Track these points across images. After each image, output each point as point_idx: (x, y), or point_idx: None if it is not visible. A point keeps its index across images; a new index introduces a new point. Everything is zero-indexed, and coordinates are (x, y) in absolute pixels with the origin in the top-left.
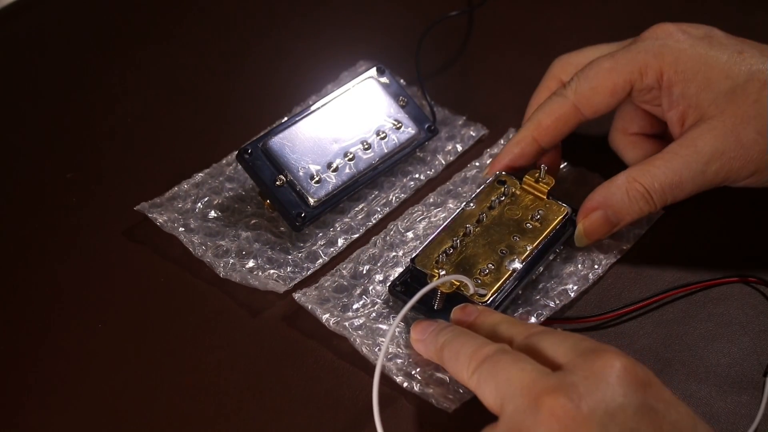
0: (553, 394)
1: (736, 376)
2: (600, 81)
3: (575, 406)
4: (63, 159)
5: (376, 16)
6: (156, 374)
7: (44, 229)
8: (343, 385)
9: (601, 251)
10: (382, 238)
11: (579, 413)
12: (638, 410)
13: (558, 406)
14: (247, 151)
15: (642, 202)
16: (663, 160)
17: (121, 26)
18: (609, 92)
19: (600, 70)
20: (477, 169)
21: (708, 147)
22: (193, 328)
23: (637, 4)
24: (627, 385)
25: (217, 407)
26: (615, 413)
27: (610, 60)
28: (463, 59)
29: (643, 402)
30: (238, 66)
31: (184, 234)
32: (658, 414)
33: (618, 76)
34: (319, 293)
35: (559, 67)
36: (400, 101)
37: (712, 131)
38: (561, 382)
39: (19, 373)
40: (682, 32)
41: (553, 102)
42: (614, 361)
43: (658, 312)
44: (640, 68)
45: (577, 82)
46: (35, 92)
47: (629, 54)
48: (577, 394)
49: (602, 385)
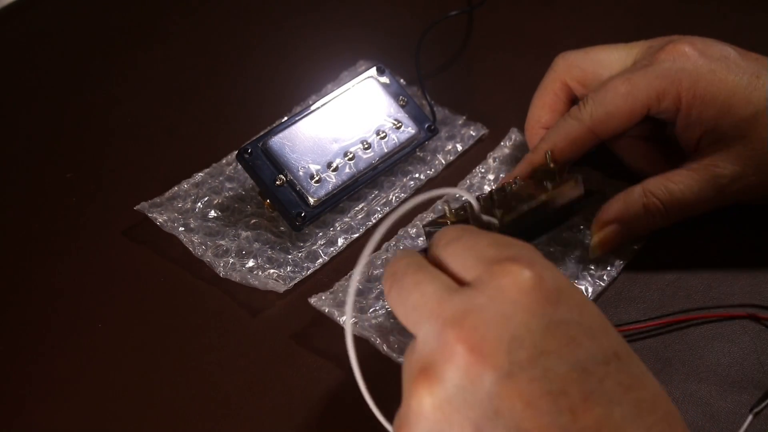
0: (457, 324)
1: (736, 376)
2: (617, 106)
3: (480, 335)
4: (63, 159)
5: (376, 16)
6: (156, 374)
7: (44, 229)
8: (343, 384)
9: (613, 252)
10: (393, 244)
11: (485, 343)
12: (547, 328)
13: (457, 344)
14: (247, 151)
15: (658, 218)
16: (681, 177)
17: (122, 26)
18: (626, 117)
19: (616, 95)
20: (481, 175)
21: (728, 171)
22: (192, 327)
23: (637, 3)
24: (535, 302)
25: (217, 407)
26: (522, 337)
27: (626, 84)
28: (463, 59)
29: (552, 318)
30: (238, 66)
31: (184, 234)
32: (569, 326)
33: (635, 101)
34: (335, 296)
35: (564, 68)
36: (400, 101)
37: (733, 155)
38: (465, 308)
39: (19, 372)
40: (699, 54)
41: (569, 125)
42: (519, 276)
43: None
44: (657, 94)
45: (593, 107)
46: (35, 92)
47: (646, 78)
48: (481, 320)
49: (508, 307)
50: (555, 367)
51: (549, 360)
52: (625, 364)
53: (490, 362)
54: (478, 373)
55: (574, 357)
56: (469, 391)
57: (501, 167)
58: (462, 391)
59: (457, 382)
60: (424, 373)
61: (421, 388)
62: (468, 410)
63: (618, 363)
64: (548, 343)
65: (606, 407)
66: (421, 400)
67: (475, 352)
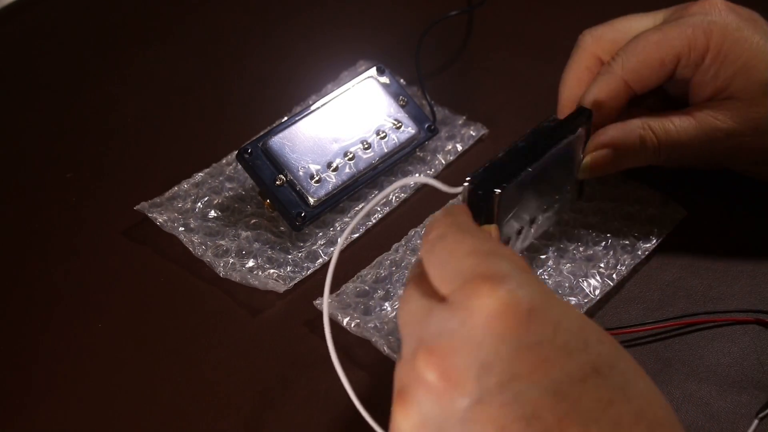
0: (427, 350)
1: (737, 376)
2: (649, 54)
3: (450, 363)
4: (63, 159)
5: (376, 16)
6: (156, 374)
7: (44, 229)
8: (343, 384)
9: (624, 251)
10: (403, 245)
11: (454, 370)
12: (517, 353)
13: (427, 372)
14: (247, 151)
15: (650, 152)
16: (680, 119)
17: (121, 26)
18: (658, 65)
19: (648, 44)
20: None
21: (727, 125)
22: (192, 327)
23: (637, 3)
24: (504, 327)
25: (217, 407)
26: (492, 363)
27: (658, 33)
28: (463, 59)
29: (522, 340)
30: (238, 66)
31: (184, 234)
32: (542, 346)
33: (667, 50)
34: (341, 299)
35: (593, 42)
36: (400, 101)
37: (735, 111)
38: (437, 332)
39: (18, 372)
40: (729, 9)
41: (602, 80)
42: (489, 299)
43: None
44: (689, 42)
45: (625, 57)
46: (35, 92)
47: (678, 28)
48: (451, 347)
49: (477, 332)
50: (527, 391)
51: (520, 384)
52: (606, 377)
53: (460, 389)
54: (449, 400)
55: (547, 379)
56: (442, 416)
57: None
58: (436, 417)
59: (430, 407)
60: (401, 395)
61: (399, 410)
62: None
63: (597, 378)
64: (518, 367)
65: (582, 427)
66: (399, 423)
67: (445, 379)
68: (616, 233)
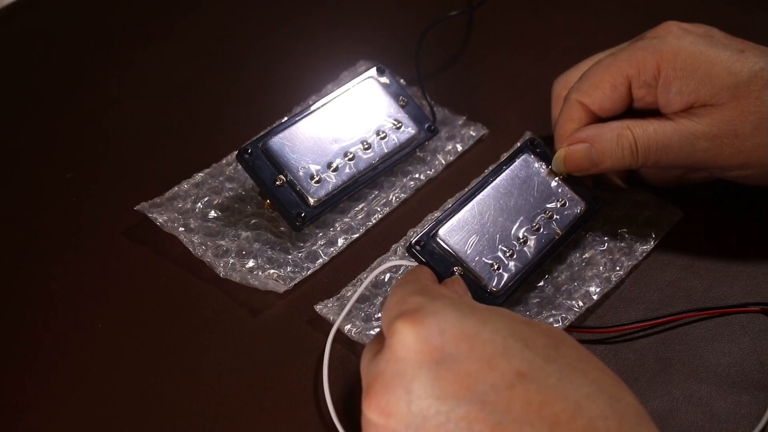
0: (368, 394)
1: (737, 376)
2: (600, 77)
3: (385, 400)
4: (63, 159)
5: (376, 16)
6: (155, 374)
7: (44, 229)
8: (343, 384)
9: (622, 253)
10: (402, 246)
11: (389, 405)
12: (436, 376)
13: (373, 406)
14: (247, 151)
15: (627, 152)
16: (658, 122)
17: (121, 26)
18: (609, 87)
19: (599, 68)
20: None
21: (702, 127)
22: (192, 327)
23: (637, 3)
24: (420, 355)
25: (217, 407)
26: (417, 390)
27: (609, 58)
28: (463, 59)
29: (439, 363)
30: (238, 66)
31: (184, 234)
32: (460, 363)
33: (616, 71)
34: (341, 304)
35: (561, 87)
36: (400, 101)
37: (710, 116)
38: (374, 375)
39: (18, 372)
40: (682, 30)
41: (564, 109)
42: (403, 334)
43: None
44: (638, 64)
45: (579, 83)
46: (35, 92)
47: (628, 51)
48: (383, 385)
49: (400, 366)
50: (456, 409)
51: (447, 404)
52: (534, 381)
53: (397, 422)
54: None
55: (471, 393)
56: None
57: None
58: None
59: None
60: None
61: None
62: None
63: (525, 383)
64: (442, 388)
65: (517, 431)
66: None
67: (384, 415)
68: (614, 236)
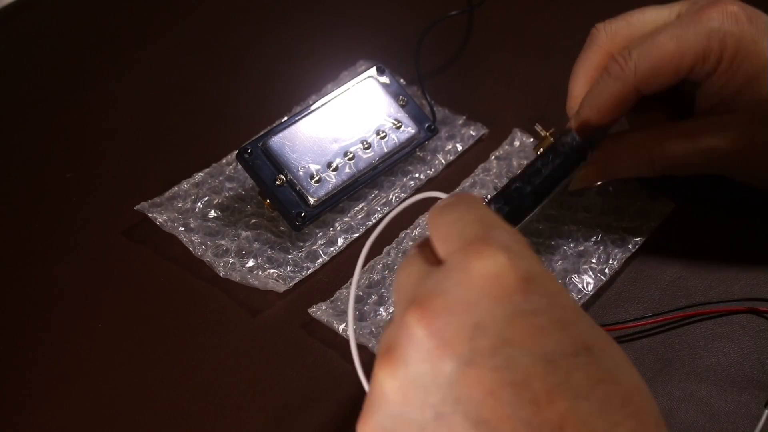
0: (420, 307)
1: (737, 376)
2: (663, 64)
3: (443, 321)
4: (63, 159)
5: (376, 16)
6: (155, 373)
7: (44, 229)
8: (343, 384)
9: (615, 246)
10: (395, 248)
11: (446, 329)
12: (512, 317)
13: (418, 328)
14: (247, 151)
15: (644, 168)
16: (677, 135)
17: (121, 26)
18: (672, 75)
19: (664, 53)
20: (484, 173)
21: (725, 145)
22: (192, 327)
23: (636, 3)
24: (501, 290)
25: (216, 407)
26: (486, 325)
27: (673, 41)
28: (463, 59)
29: (518, 306)
30: (237, 66)
31: (184, 233)
32: (537, 315)
33: (682, 59)
34: (335, 305)
35: (607, 40)
36: (400, 101)
37: (736, 130)
38: (432, 290)
39: (18, 372)
40: (747, 19)
41: (612, 86)
42: (489, 260)
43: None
44: (704, 52)
45: (638, 61)
46: (35, 92)
47: (695, 36)
48: (445, 305)
49: (474, 293)
50: (519, 357)
51: (513, 350)
52: (597, 357)
53: (451, 349)
54: (438, 359)
55: (540, 348)
56: (430, 376)
57: (503, 165)
58: (423, 376)
59: (418, 365)
60: (388, 353)
61: (384, 368)
62: (428, 395)
63: (589, 356)
64: (513, 332)
65: (571, 401)
66: (383, 382)
67: (436, 338)
68: (606, 228)
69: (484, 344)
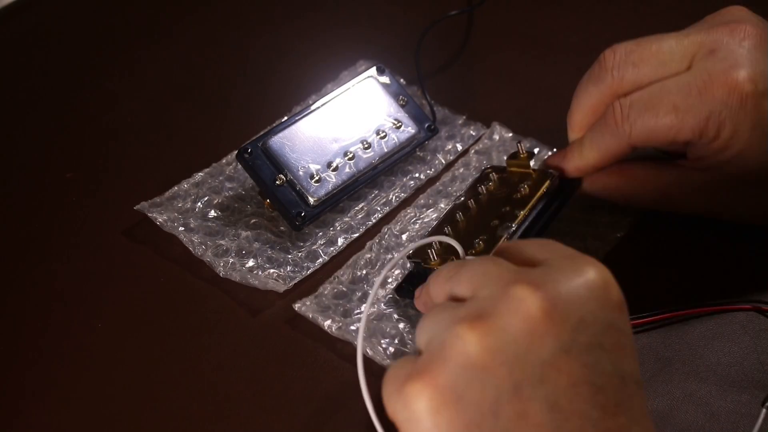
0: (530, 285)
1: (737, 375)
2: (660, 133)
3: (552, 304)
4: (63, 159)
5: (376, 16)
6: (155, 373)
7: (44, 229)
8: (343, 384)
9: (597, 239)
10: (377, 243)
11: (557, 311)
12: (609, 326)
13: (532, 299)
14: (247, 151)
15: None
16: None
17: (121, 26)
18: (667, 143)
19: (662, 125)
20: (464, 167)
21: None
22: (192, 327)
23: (636, 3)
24: (604, 299)
25: (216, 407)
26: (588, 323)
27: (671, 115)
28: (463, 59)
29: (614, 321)
30: (238, 66)
31: (184, 233)
32: (623, 335)
33: (678, 134)
34: (319, 301)
35: (613, 82)
36: (400, 101)
37: (736, 163)
38: (540, 277)
39: (18, 372)
40: (751, 84)
41: (607, 139)
42: (595, 273)
43: None
44: (701, 131)
45: (634, 125)
46: (35, 92)
47: (694, 115)
48: (556, 293)
49: (583, 291)
50: (604, 363)
51: (602, 355)
52: (644, 396)
53: (556, 331)
54: (541, 336)
55: (620, 364)
56: (524, 349)
57: (481, 159)
58: (516, 346)
59: (517, 335)
60: (481, 319)
61: (474, 331)
62: (515, 366)
63: (641, 391)
64: (606, 340)
65: (628, 421)
66: (468, 342)
67: (548, 315)
68: (586, 223)
69: (583, 340)
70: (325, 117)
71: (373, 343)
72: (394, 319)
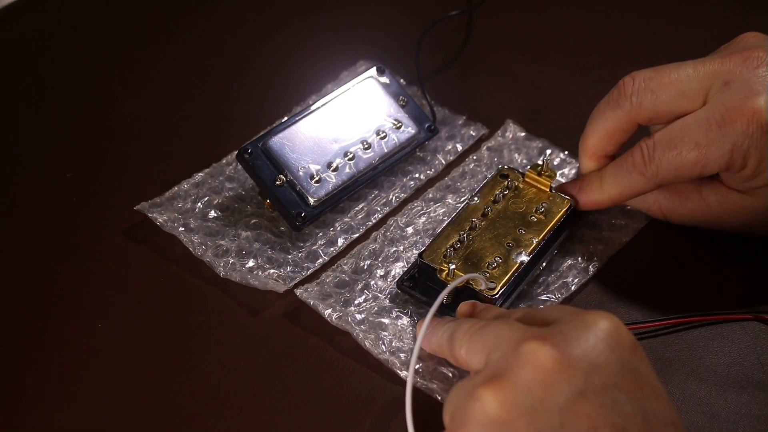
0: (538, 339)
1: (737, 376)
2: (686, 170)
3: (560, 352)
4: (63, 159)
5: (376, 16)
6: (156, 374)
7: (44, 229)
8: (343, 383)
9: (600, 243)
10: (382, 234)
11: (565, 357)
12: (623, 368)
13: (541, 351)
14: (247, 151)
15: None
16: (694, 208)
17: (121, 26)
18: (695, 177)
19: (687, 161)
20: (474, 164)
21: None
22: (193, 327)
23: (637, 3)
24: (615, 342)
25: (217, 407)
26: (600, 366)
27: (695, 151)
28: (463, 59)
29: (628, 362)
30: (238, 66)
31: (184, 234)
32: (640, 375)
33: (704, 169)
34: (321, 289)
35: (632, 109)
36: (400, 101)
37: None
38: (549, 331)
39: (18, 372)
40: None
41: (634, 180)
42: (604, 321)
43: None
44: (727, 163)
45: (660, 165)
46: (35, 92)
47: (717, 149)
48: (564, 342)
49: (591, 338)
50: (623, 403)
51: (620, 395)
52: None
53: (568, 376)
54: (554, 383)
55: (641, 404)
56: (539, 398)
57: (493, 156)
58: (531, 397)
59: (530, 386)
60: (495, 378)
61: (489, 390)
62: (534, 417)
63: (675, 429)
64: (621, 381)
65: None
66: (485, 400)
67: (557, 362)
68: (592, 227)
69: (597, 382)
70: (325, 117)
71: (371, 338)
72: (395, 313)
